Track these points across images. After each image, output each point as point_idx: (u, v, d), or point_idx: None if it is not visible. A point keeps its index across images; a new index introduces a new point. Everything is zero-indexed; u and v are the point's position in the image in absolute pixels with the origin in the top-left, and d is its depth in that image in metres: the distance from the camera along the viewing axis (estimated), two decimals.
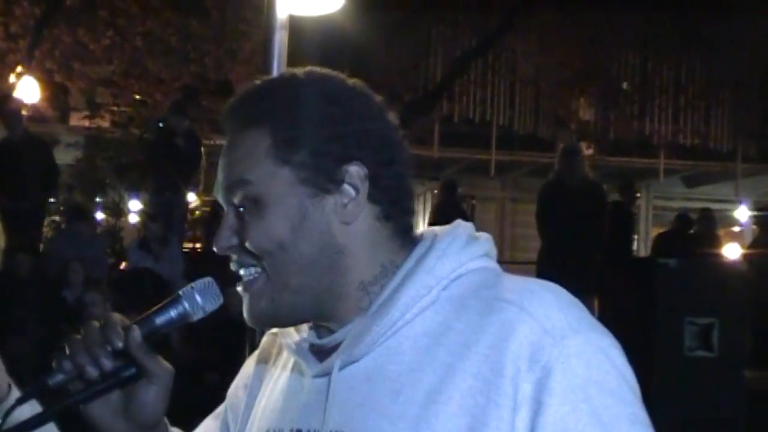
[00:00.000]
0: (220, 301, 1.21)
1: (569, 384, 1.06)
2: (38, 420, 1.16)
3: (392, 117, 1.24)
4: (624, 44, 14.43)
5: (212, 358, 6.73)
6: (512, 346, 1.08)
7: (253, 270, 1.18)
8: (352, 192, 1.17)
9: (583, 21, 12.60)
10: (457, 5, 12.32)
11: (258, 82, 1.23)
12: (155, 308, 1.19)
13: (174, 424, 1.31)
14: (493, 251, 1.24)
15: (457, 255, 1.18)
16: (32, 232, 9.60)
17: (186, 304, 1.18)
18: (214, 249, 1.20)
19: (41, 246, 10.00)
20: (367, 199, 1.18)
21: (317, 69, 1.24)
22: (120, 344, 1.14)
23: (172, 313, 1.19)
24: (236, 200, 1.18)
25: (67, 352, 1.15)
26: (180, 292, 1.19)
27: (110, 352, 1.14)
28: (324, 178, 1.16)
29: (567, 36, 13.25)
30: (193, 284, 1.20)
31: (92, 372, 1.14)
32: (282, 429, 1.21)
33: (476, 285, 1.16)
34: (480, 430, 1.07)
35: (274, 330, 1.31)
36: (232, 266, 1.21)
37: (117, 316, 1.17)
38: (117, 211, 14.66)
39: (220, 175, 1.20)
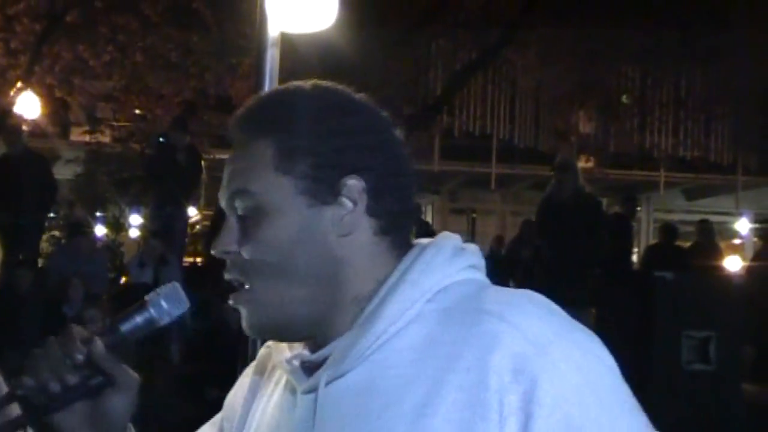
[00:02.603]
0: (186, 305, 1.21)
1: (559, 391, 1.05)
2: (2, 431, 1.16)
3: (398, 132, 1.24)
4: (623, 58, 14.45)
5: (212, 372, 6.74)
6: (495, 358, 1.07)
7: (246, 278, 1.19)
8: (350, 205, 1.17)
9: (582, 35, 12.62)
10: (456, 20, 12.34)
11: (263, 94, 1.25)
12: (120, 315, 1.19)
13: None
14: (481, 263, 1.23)
15: (441, 267, 1.18)
16: (31, 248, 9.62)
17: (152, 310, 1.19)
18: (212, 252, 1.21)
19: (40, 261, 10.01)
20: (366, 212, 1.18)
21: (323, 82, 1.24)
22: (80, 357, 1.15)
23: (138, 319, 1.19)
24: (238, 208, 1.19)
25: (28, 369, 1.15)
26: (146, 298, 1.19)
27: (72, 366, 1.15)
28: (323, 190, 1.17)
29: (566, 50, 13.27)
30: (158, 290, 1.20)
31: (55, 387, 1.14)
32: None
33: (461, 297, 1.15)
34: None
35: (270, 343, 1.31)
36: (226, 275, 1.21)
37: (77, 329, 1.18)
38: (118, 225, 14.69)
39: (224, 182, 1.21)
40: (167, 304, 1.19)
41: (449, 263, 1.19)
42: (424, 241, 1.23)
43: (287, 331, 1.21)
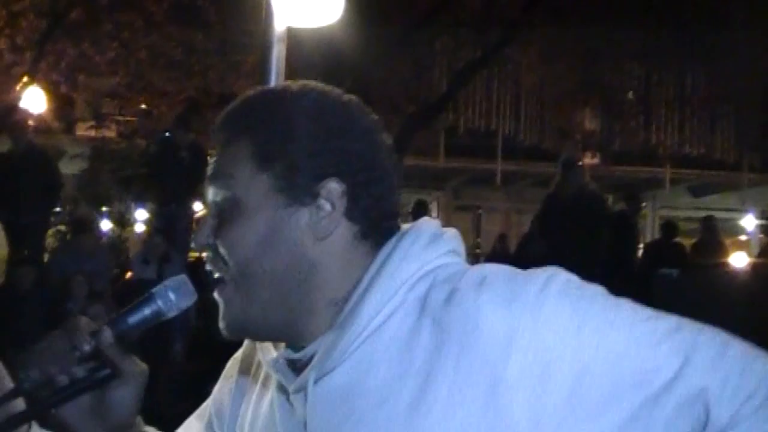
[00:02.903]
0: (194, 298, 1.20)
1: (559, 335, 1.06)
2: (8, 425, 1.14)
3: (385, 137, 1.22)
4: (625, 56, 14.42)
5: (215, 370, 6.72)
6: (481, 337, 1.07)
7: (223, 273, 1.18)
8: (328, 207, 1.15)
9: (584, 34, 12.60)
10: (458, 19, 12.32)
11: (248, 93, 1.23)
12: (128, 307, 1.18)
13: None
14: (460, 248, 1.21)
15: (419, 255, 1.16)
16: (35, 244, 9.62)
17: (159, 302, 1.18)
18: (192, 246, 1.21)
19: (45, 257, 10.01)
20: (345, 216, 1.16)
21: (312, 83, 1.22)
22: (88, 348, 1.13)
23: (146, 311, 1.18)
24: (218, 198, 1.18)
25: (33, 361, 1.13)
26: (153, 291, 1.19)
27: (78, 358, 1.13)
28: (301, 190, 1.15)
29: (568, 48, 13.25)
30: (166, 282, 1.20)
31: (63, 380, 1.13)
32: None
33: (438, 283, 1.14)
34: (473, 430, 1.05)
35: None
36: (207, 266, 1.20)
37: (84, 320, 1.16)
38: (123, 221, 14.70)
39: (206, 177, 1.21)
40: (175, 296, 1.19)
41: (427, 250, 1.17)
42: (405, 227, 1.21)
43: (257, 333, 1.20)
